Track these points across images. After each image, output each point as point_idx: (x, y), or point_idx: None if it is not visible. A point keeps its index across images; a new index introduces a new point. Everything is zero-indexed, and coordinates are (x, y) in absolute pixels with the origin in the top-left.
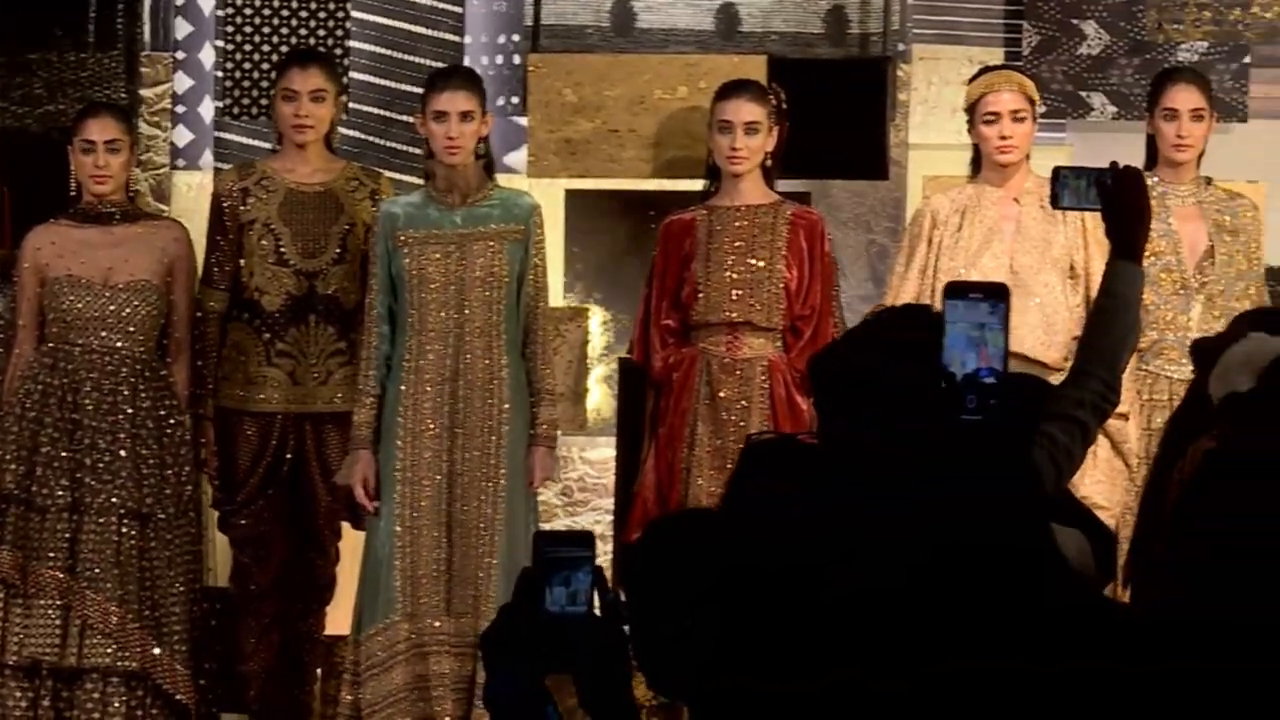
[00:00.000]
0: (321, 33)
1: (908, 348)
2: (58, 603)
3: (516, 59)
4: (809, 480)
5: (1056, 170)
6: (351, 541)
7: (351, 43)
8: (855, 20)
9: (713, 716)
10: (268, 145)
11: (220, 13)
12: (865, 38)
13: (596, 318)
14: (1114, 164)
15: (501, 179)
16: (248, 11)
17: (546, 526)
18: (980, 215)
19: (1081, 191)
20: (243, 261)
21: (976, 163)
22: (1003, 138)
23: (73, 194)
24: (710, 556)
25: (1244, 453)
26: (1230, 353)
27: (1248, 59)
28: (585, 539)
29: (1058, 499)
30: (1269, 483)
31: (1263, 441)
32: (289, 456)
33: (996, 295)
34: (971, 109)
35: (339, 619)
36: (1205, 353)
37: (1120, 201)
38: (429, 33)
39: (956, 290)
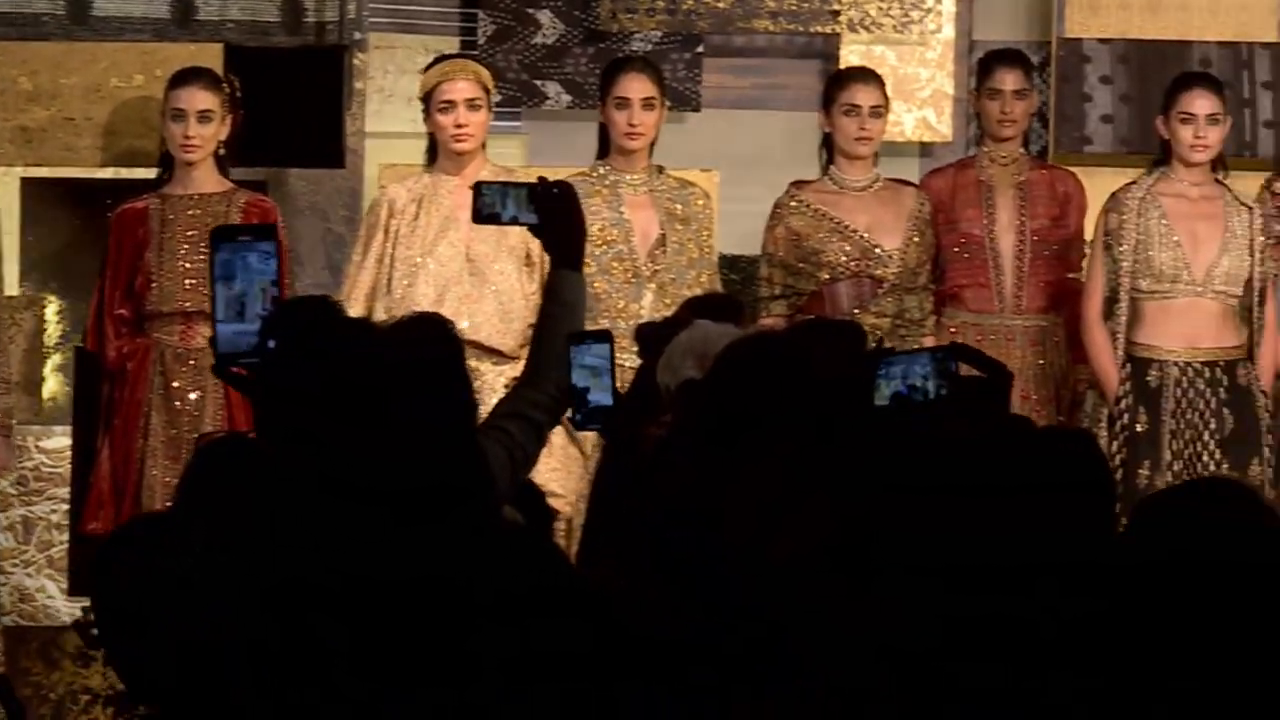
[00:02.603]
0: None
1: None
2: None
3: None
4: (256, 480)
5: (478, 186)
6: None
7: None
8: (311, 8)
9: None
10: None
11: None
12: (321, 26)
13: (52, 307)
14: (542, 179)
15: None
16: None
17: (3, 516)
18: (437, 204)
19: (520, 205)
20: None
21: (433, 151)
22: (458, 126)
23: None
24: (170, 564)
25: (694, 441)
26: (676, 341)
27: (700, 48)
28: None
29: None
30: (716, 472)
31: (711, 429)
32: None
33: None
34: (427, 98)
35: None
36: (650, 339)
37: (557, 215)
38: None
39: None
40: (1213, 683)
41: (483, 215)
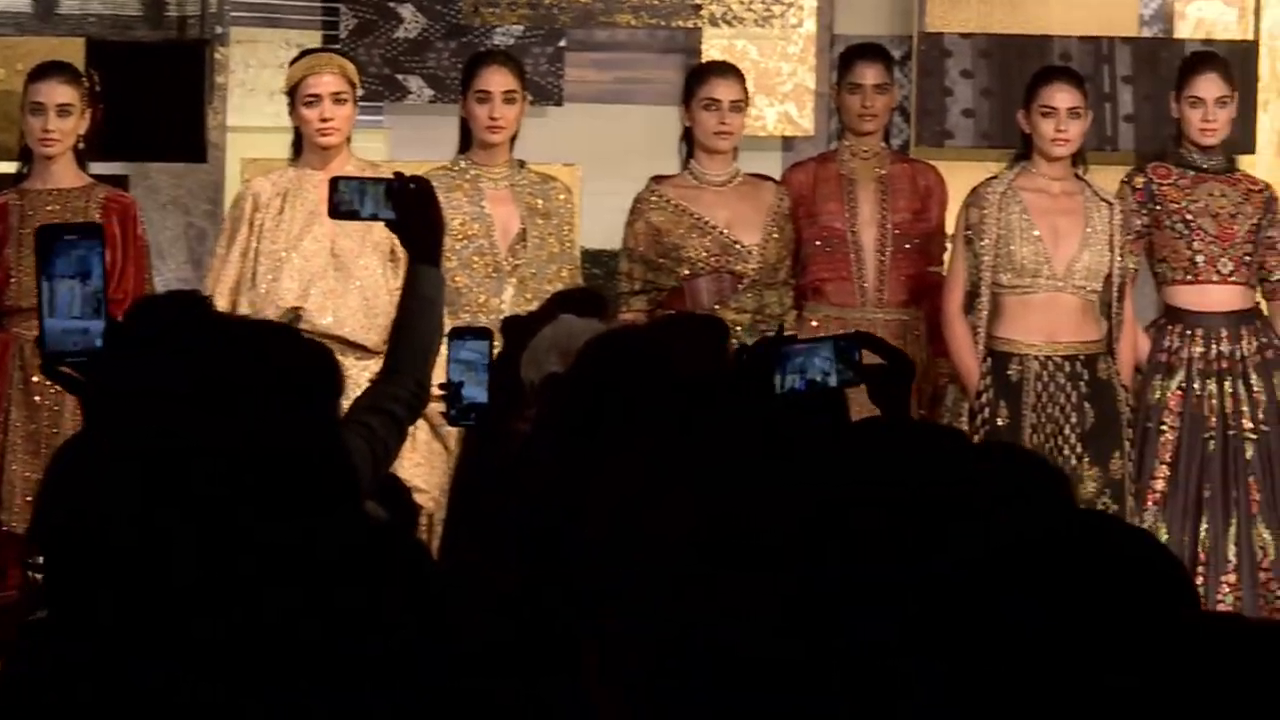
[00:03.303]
0: None
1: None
2: None
3: None
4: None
5: (334, 181)
6: None
7: None
8: (173, 3)
9: None
10: None
11: None
12: (183, 20)
13: None
14: (398, 174)
15: None
16: None
17: None
18: (302, 198)
19: (378, 201)
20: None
21: (298, 145)
22: (324, 120)
23: None
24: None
25: (558, 435)
26: (540, 336)
27: (563, 42)
28: None
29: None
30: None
31: (574, 424)
32: None
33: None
34: (293, 92)
35: None
36: (516, 332)
37: (414, 210)
38: None
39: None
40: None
41: (340, 211)
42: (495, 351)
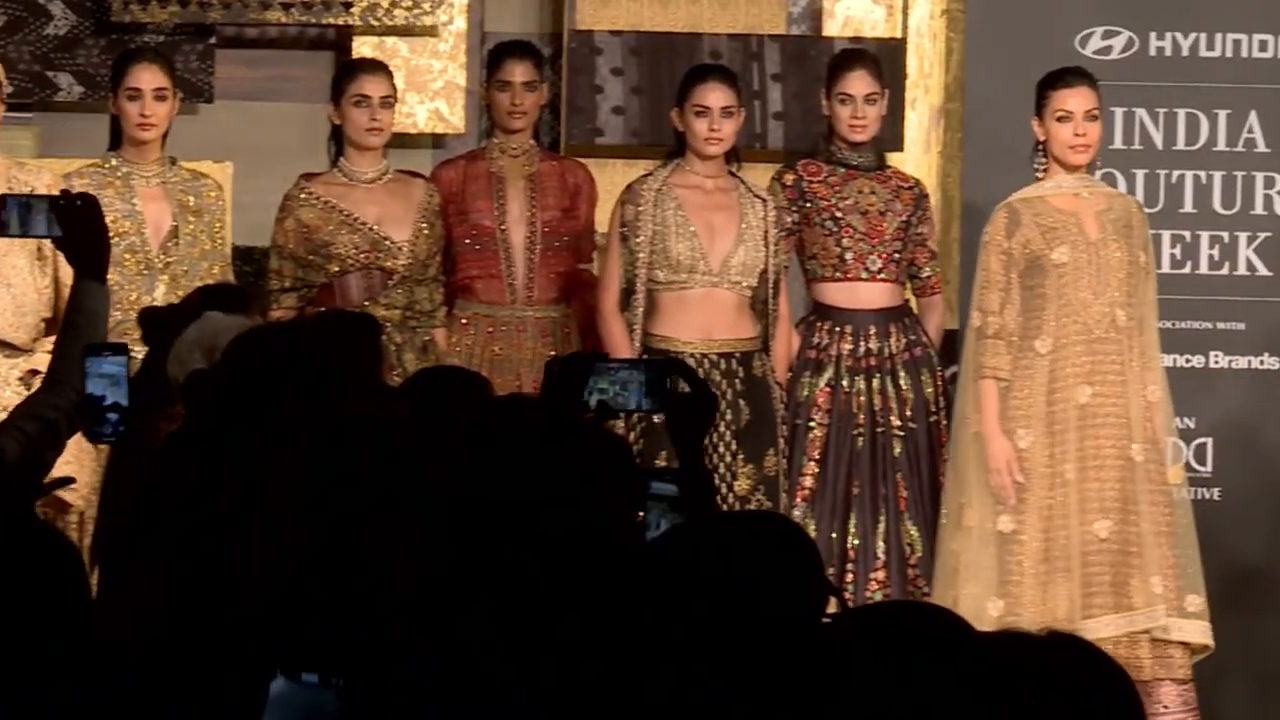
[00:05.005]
0: None
1: None
2: None
3: None
4: None
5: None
6: None
7: None
8: None
9: None
10: None
11: None
12: None
13: None
14: (65, 191)
15: None
16: None
17: None
18: None
19: (44, 218)
20: None
21: None
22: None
23: None
24: None
25: (205, 432)
26: (186, 333)
27: (213, 40)
28: None
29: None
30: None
31: (218, 421)
32: None
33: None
34: None
35: None
36: (155, 326)
37: (80, 226)
38: None
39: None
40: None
41: (7, 231)
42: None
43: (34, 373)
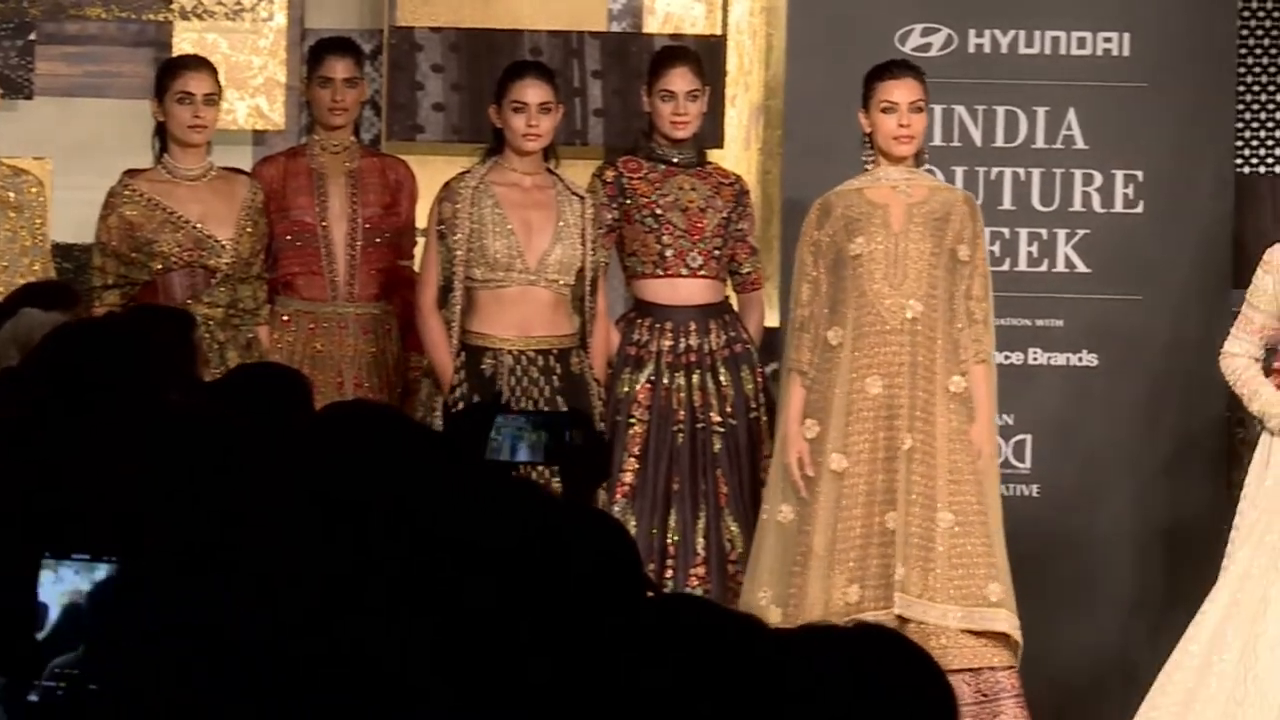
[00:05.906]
0: None
1: None
2: None
3: None
4: None
5: None
6: None
7: None
8: None
9: None
10: None
11: None
12: None
13: None
14: None
15: None
16: None
17: None
18: None
19: None
20: None
21: None
22: None
23: None
24: None
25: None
26: (2, 330)
27: (33, 35)
28: None
29: None
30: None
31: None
32: None
33: None
34: None
35: None
36: None
37: None
38: None
39: None
40: None
41: None
42: None
43: None
